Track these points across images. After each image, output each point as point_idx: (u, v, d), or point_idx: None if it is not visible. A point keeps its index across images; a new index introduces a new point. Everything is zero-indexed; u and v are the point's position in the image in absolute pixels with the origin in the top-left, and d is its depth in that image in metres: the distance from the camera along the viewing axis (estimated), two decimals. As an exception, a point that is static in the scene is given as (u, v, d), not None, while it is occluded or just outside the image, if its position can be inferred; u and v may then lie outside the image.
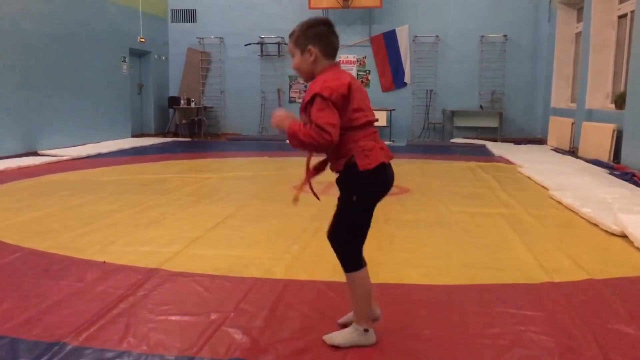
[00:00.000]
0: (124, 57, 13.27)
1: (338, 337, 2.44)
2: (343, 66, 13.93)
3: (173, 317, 2.72)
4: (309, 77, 2.47)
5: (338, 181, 2.50)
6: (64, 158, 9.34)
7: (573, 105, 11.75)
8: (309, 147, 2.33)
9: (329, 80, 2.34)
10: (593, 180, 7.06)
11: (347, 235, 2.47)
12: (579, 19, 11.89)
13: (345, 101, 2.32)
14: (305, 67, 2.45)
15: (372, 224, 2.51)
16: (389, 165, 2.51)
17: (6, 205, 5.50)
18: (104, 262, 3.59)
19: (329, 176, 2.58)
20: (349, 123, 2.35)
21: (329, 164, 2.52)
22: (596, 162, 8.78)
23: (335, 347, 2.39)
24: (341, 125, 2.32)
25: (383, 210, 5.48)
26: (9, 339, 2.45)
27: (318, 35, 2.43)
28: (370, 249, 3.99)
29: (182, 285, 3.19)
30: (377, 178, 2.44)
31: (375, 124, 2.51)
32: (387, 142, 13.24)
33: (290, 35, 2.49)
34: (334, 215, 2.49)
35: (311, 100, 2.32)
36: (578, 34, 12.00)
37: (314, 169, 2.57)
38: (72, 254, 3.77)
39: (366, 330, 2.42)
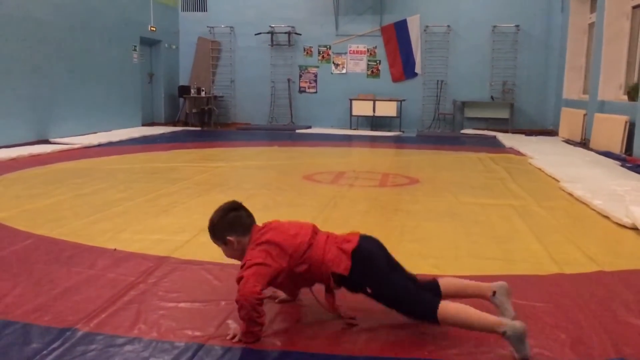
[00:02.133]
0: (135, 46, 13.29)
1: (517, 354, 2.25)
2: (353, 56, 13.76)
3: (183, 305, 2.74)
4: (242, 256, 2.55)
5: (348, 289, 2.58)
6: (76, 146, 9.39)
7: (585, 97, 11.66)
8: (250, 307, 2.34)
9: (256, 251, 2.47)
10: (604, 172, 7.01)
11: (405, 302, 2.45)
12: (593, 10, 11.76)
13: (279, 254, 2.45)
14: (235, 254, 2.60)
15: (381, 214, 2.52)
16: (359, 245, 2.53)
17: (18, 192, 5.54)
18: (115, 249, 3.61)
19: (336, 166, 2.58)
20: (300, 260, 2.47)
21: (327, 289, 2.59)
22: (608, 154, 8.71)
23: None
24: (297, 261, 2.47)
25: (393, 200, 5.49)
26: (21, 324, 2.48)
27: (230, 224, 2.58)
28: (379, 239, 4.00)
29: (192, 273, 3.21)
30: (359, 262, 2.48)
31: (385, 114, 2.53)
32: (396, 133, 13.29)
33: (209, 230, 2.65)
34: (387, 305, 2.50)
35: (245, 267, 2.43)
36: (591, 25, 11.88)
37: (330, 295, 2.59)
38: (83, 241, 3.80)
39: (504, 333, 2.25)
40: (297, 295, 2.78)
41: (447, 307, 2.37)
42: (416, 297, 2.44)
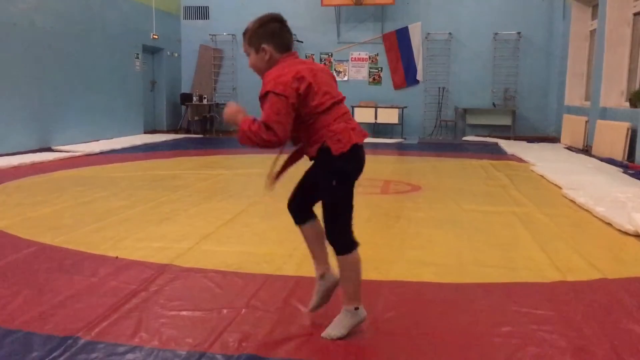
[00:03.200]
0: (137, 54, 13.33)
1: (334, 329, 2.45)
2: (354, 63, 13.77)
3: (185, 313, 2.73)
4: (266, 71, 2.46)
5: (314, 166, 2.53)
6: (78, 154, 9.40)
7: (587, 103, 11.66)
8: (258, 145, 2.34)
9: (281, 75, 2.34)
10: (607, 179, 7.00)
11: (343, 219, 2.46)
12: (594, 16, 11.78)
13: (303, 91, 2.32)
14: (262, 65, 2.48)
15: (383, 221, 2.52)
16: (361, 146, 2.49)
17: (20, 200, 5.55)
18: (117, 257, 3.62)
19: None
20: (315, 109, 2.37)
21: (305, 150, 2.54)
22: (610, 161, 8.70)
23: (340, 339, 2.39)
24: (309, 111, 2.35)
25: (394, 207, 5.49)
26: (23, 332, 2.48)
27: (270, 33, 2.45)
28: (381, 247, 4.01)
29: (194, 281, 3.20)
30: (351, 160, 2.43)
31: (387, 121, 2.53)
32: (398, 140, 13.28)
33: (244, 34, 2.51)
34: (327, 209, 2.48)
35: (265, 96, 2.34)
36: (593, 32, 11.90)
37: (290, 159, 2.61)
38: (85, 249, 3.80)
39: (356, 309, 2.45)
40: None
41: (355, 256, 2.45)
42: (343, 226, 2.45)
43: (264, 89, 2.35)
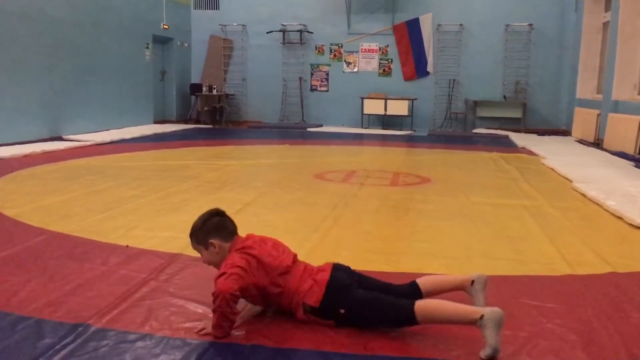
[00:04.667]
0: (147, 44, 13.35)
1: (488, 346, 2.24)
2: (364, 54, 13.75)
3: (194, 302, 2.75)
4: (221, 263, 2.57)
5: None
6: (88, 143, 9.45)
7: (599, 97, 11.55)
8: (224, 303, 2.37)
9: (235, 259, 2.49)
10: (618, 173, 6.95)
11: (379, 311, 2.45)
12: (607, 8, 11.65)
13: (257, 269, 2.49)
14: (215, 259, 2.61)
15: (392, 213, 2.52)
16: (333, 271, 2.57)
17: (32, 188, 5.59)
18: (127, 246, 3.64)
19: (347, 165, 2.57)
20: (276, 282, 2.51)
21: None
22: (621, 155, 8.64)
23: (496, 351, 2.23)
24: (272, 282, 2.51)
25: (404, 200, 5.48)
26: (35, 319, 2.50)
27: (214, 228, 2.61)
28: (390, 239, 4.01)
29: (203, 270, 3.20)
30: (336, 289, 2.50)
31: (397, 113, 2.55)
32: (408, 132, 13.25)
33: (190, 236, 2.66)
34: (364, 323, 2.48)
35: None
36: (606, 24, 11.77)
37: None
38: (95, 238, 3.83)
39: (481, 317, 2.27)
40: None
41: (423, 305, 2.40)
42: (389, 305, 2.44)
43: (221, 270, 2.48)
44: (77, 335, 2.35)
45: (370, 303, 2.46)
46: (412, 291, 2.56)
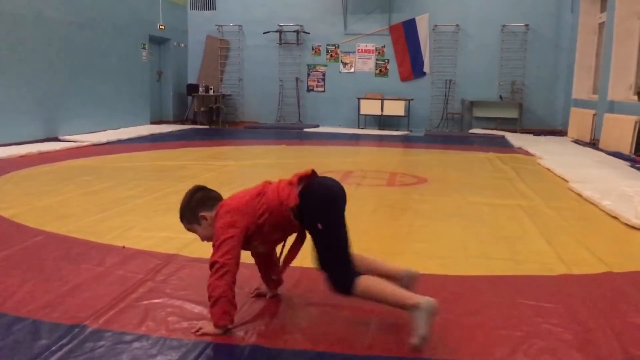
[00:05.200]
0: (144, 45, 13.33)
1: (417, 332, 2.29)
2: (361, 55, 13.74)
3: (191, 302, 2.75)
4: None
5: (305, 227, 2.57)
6: (84, 144, 9.43)
7: (595, 97, 11.59)
8: (218, 275, 2.42)
9: (219, 222, 2.49)
10: (614, 173, 6.97)
11: (338, 259, 2.45)
12: (603, 9, 11.70)
13: (240, 216, 2.48)
14: (209, 231, 2.58)
15: (389, 213, 2.52)
16: (320, 177, 2.57)
17: (28, 189, 5.58)
18: (124, 247, 3.63)
19: (344, 166, 2.58)
20: (259, 210, 2.50)
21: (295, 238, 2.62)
22: (617, 155, 8.66)
23: (425, 339, 2.27)
24: (257, 212, 2.49)
25: (400, 199, 5.49)
26: (31, 320, 2.50)
27: (200, 202, 2.61)
28: (387, 239, 4.01)
29: (200, 271, 3.20)
30: (317, 194, 2.50)
31: (393, 113, 2.56)
32: (404, 132, 13.26)
33: (182, 219, 2.66)
34: (314, 248, 2.49)
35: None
36: (601, 24, 11.81)
37: (290, 255, 2.64)
38: (92, 239, 3.82)
39: (418, 305, 2.30)
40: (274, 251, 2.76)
41: (366, 280, 2.42)
42: (346, 260, 2.45)
43: (213, 239, 2.50)
44: (73, 336, 2.35)
45: (341, 240, 2.46)
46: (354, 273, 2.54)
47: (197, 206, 2.60)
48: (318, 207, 2.48)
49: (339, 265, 2.45)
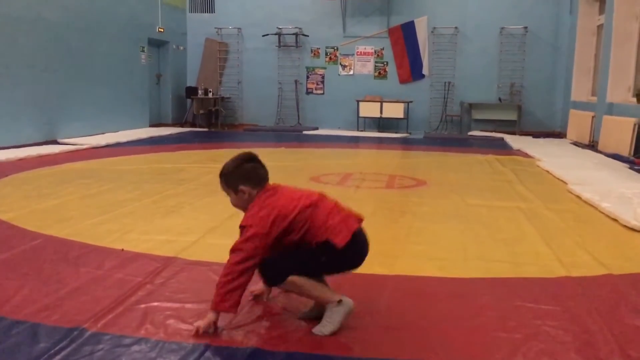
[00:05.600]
0: (143, 47, 13.34)
1: (326, 325, 2.44)
2: (360, 57, 13.72)
3: (190, 305, 2.74)
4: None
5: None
6: (83, 147, 9.43)
7: (593, 99, 11.60)
8: (237, 274, 2.41)
9: (261, 212, 2.47)
10: (613, 175, 6.98)
11: (296, 261, 2.52)
12: (601, 11, 11.71)
13: (283, 228, 2.46)
14: (243, 204, 2.60)
15: (388, 216, 2.54)
16: (362, 230, 2.62)
17: (27, 192, 5.57)
18: (122, 249, 3.63)
19: (343, 168, 2.58)
20: (302, 220, 2.48)
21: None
22: (616, 157, 8.67)
23: (333, 334, 2.41)
24: (298, 223, 2.47)
25: (399, 202, 5.49)
26: (29, 324, 2.49)
27: (246, 174, 2.58)
28: (386, 241, 4.01)
29: (199, 274, 3.21)
30: (359, 250, 2.57)
31: (392, 115, 2.59)
32: (404, 134, 13.27)
33: (220, 176, 2.64)
34: (292, 246, 2.52)
35: (244, 227, 2.48)
36: (600, 27, 11.83)
37: None
38: (91, 242, 3.81)
39: (339, 301, 2.46)
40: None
41: (297, 277, 2.47)
42: (300, 267, 2.48)
43: (245, 222, 2.48)
44: (72, 339, 2.35)
45: (318, 264, 2.52)
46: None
47: (240, 178, 2.57)
48: (350, 260, 2.56)
49: (290, 263, 2.48)
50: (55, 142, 9.78)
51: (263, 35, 14.68)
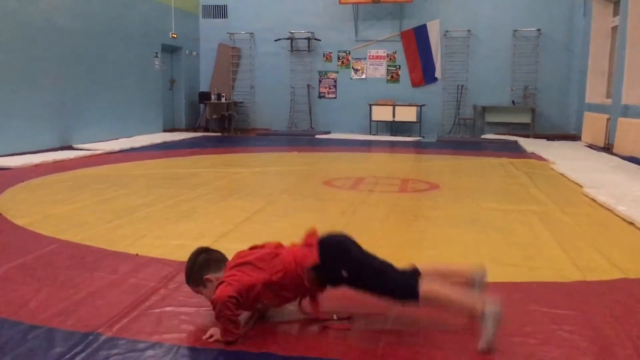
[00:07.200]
0: (156, 53, 13.44)
1: (486, 337, 2.32)
2: (372, 61, 13.72)
3: (203, 310, 2.75)
4: None
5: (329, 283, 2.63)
6: (98, 152, 9.50)
7: (608, 101, 11.50)
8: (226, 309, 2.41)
9: (228, 274, 2.52)
10: (629, 178, 6.91)
11: (379, 278, 2.51)
12: (615, 13, 11.62)
13: (252, 269, 2.51)
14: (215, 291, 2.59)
15: (401, 220, 2.52)
16: (325, 233, 2.65)
17: (42, 198, 5.63)
18: (137, 254, 3.65)
19: (355, 172, 2.58)
20: (273, 268, 2.51)
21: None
22: (632, 159, 8.58)
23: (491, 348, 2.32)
24: (271, 270, 2.51)
25: (412, 206, 5.47)
26: (45, 328, 2.51)
27: (204, 265, 2.61)
28: (399, 246, 4.00)
29: (213, 278, 3.22)
30: (331, 242, 2.59)
31: (405, 119, 2.61)
32: (416, 138, 13.23)
33: (188, 283, 2.68)
34: (365, 288, 2.55)
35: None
36: (614, 28, 11.73)
37: (315, 302, 2.65)
38: (105, 247, 3.84)
39: (482, 313, 2.34)
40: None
41: (429, 284, 2.43)
42: (395, 274, 2.49)
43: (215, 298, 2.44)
44: (87, 344, 2.36)
45: (373, 267, 2.51)
46: (412, 275, 2.55)
47: (200, 270, 2.60)
48: (338, 254, 2.55)
49: (389, 283, 2.48)
50: (70, 148, 9.88)
51: (275, 40, 14.73)
